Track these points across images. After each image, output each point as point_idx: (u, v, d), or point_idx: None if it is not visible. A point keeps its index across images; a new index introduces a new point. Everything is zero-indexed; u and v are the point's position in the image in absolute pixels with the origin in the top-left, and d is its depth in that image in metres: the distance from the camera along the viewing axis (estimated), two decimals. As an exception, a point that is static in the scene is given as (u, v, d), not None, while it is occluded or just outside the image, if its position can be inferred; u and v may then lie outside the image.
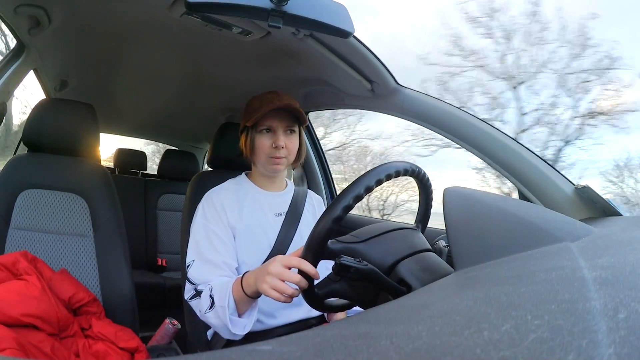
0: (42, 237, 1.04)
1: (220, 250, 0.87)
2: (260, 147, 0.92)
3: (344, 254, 0.59)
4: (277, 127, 0.92)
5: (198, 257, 0.87)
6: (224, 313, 0.76)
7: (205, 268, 0.86)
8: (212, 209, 0.91)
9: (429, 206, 0.73)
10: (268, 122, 0.92)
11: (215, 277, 0.85)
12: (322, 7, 0.67)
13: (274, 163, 0.93)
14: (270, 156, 0.92)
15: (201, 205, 0.94)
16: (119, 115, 2.08)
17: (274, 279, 0.66)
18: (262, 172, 0.98)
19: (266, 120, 0.91)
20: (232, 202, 0.93)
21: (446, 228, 0.43)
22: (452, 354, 0.18)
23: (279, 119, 0.92)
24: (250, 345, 0.21)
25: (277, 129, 0.92)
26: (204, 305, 0.80)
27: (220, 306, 0.77)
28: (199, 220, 0.91)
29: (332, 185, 1.75)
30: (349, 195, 0.58)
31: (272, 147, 0.91)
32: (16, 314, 0.77)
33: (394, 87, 1.05)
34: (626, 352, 0.16)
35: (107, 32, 1.10)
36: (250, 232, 0.92)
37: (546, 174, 0.88)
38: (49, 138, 1.09)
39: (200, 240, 0.89)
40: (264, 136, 0.92)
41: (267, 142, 0.92)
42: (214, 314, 0.78)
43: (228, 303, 0.76)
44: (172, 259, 2.19)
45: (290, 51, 1.03)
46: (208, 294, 0.81)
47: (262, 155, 0.93)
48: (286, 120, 0.93)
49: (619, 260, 0.32)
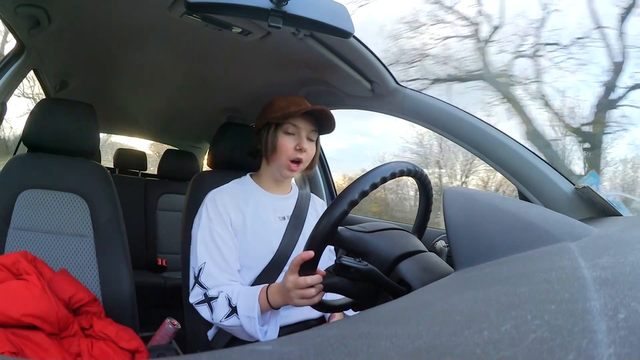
0: (42, 237, 1.04)
1: (227, 254, 0.88)
2: (283, 148, 0.91)
3: (352, 241, 0.60)
4: (302, 130, 0.92)
5: (208, 260, 0.87)
6: (254, 324, 0.79)
7: (216, 272, 0.86)
8: (215, 211, 0.91)
9: (429, 207, 0.73)
10: (296, 123, 0.91)
11: (225, 281, 0.86)
12: (322, 7, 0.67)
13: (291, 168, 0.92)
14: (291, 159, 0.91)
15: (204, 207, 0.93)
16: (119, 115, 2.08)
17: (295, 291, 0.69)
18: (274, 174, 0.97)
19: (294, 121, 0.91)
20: (235, 203, 0.93)
21: (446, 228, 0.43)
22: (452, 354, 0.18)
23: (305, 122, 0.92)
24: (250, 345, 0.21)
25: (301, 132, 0.92)
26: (220, 313, 0.82)
27: (247, 316, 0.80)
28: (204, 222, 0.91)
29: (332, 187, 1.75)
30: (356, 189, 0.59)
31: (295, 149, 0.91)
32: (16, 314, 0.77)
33: (394, 87, 1.05)
34: (626, 352, 0.16)
35: (107, 32, 1.10)
36: (253, 236, 0.91)
37: (546, 174, 0.88)
38: (49, 138, 1.09)
39: (209, 243, 0.88)
40: (288, 137, 0.92)
41: (291, 144, 0.91)
42: (234, 322, 0.81)
43: (258, 314, 0.79)
44: (172, 259, 2.19)
45: (290, 51, 1.03)
46: (225, 302, 0.82)
47: (283, 156, 0.92)
48: (310, 124, 0.93)
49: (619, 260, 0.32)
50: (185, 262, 1.05)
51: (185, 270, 1.05)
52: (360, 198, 0.59)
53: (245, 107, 1.59)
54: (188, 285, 0.93)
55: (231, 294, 0.83)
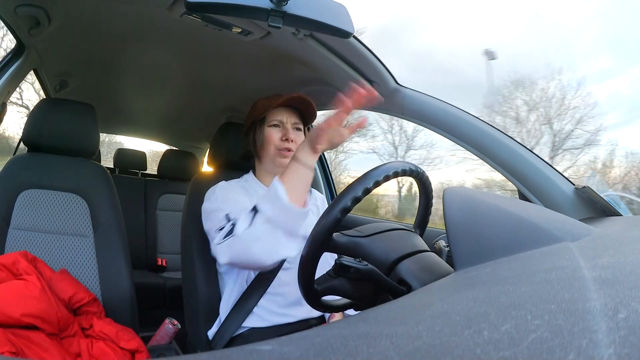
0: (42, 237, 1.04)
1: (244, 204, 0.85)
2: (269, 140, 0.95)
3: (348, 247, 0.59)
4: (286, 122, 0.96)
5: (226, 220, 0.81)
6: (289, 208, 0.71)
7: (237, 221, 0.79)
8: (225, 193, 0.90)
9: (428, 207, 0.73)
10: (278, 116, 0.96)
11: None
12: (322, 7, 0.66)
13: (283, 156, 0.94)
14: (280, 148, 0.94)
15: (213, 193, 0.92)
16: (119, 115, 2.08)
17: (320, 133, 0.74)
18: (269, 168, 0.98)
19: (276, 114, 0.95)
20: (240, 195, 0.93)
21: (446, 228, 0.43)
22: (452, 354, 0.18)
23: (287, 114, 0.96)
24: (251, 345, 0.21)
25: (285, 123, 0.96)
26: (242, 226, 0.74)
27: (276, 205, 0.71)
28: (212, 204, 0.88)
29: (331, 183, 1.75)
30: (363, 183, 0.59)
31: (281, 140, 0.94)
32: (16, 314, 0.77)
33: (394, 87, 1.05)
34: (626, 352, 0.16)
35: (107, 32, 1.10)
36: None
37: (546, 174, 0.88)
38: (49, 138, 1.09)
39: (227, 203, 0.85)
40: (273, 129, 0.95)
41: (277, 135, 0.95)
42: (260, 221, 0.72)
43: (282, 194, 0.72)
44: (172, 259, 2.19)
45: (290, 51, 1.03)
46: (243, 213, 0.75)
47: (271, 148, 0.95)
48: (294, 116, 0.97)
49: (619, 260, 0.32)
50: (186, 262, 1.05)
51: (185, 270, 1.05)
52: (363, 195, 0.59)
53: (245, 107, 1.58)
54: (188, 285, 0.93)
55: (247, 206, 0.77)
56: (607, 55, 10.11)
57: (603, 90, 9.90)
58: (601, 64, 10.08)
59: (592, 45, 10.61)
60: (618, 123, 9.16)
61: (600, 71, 10.11)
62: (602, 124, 8.40)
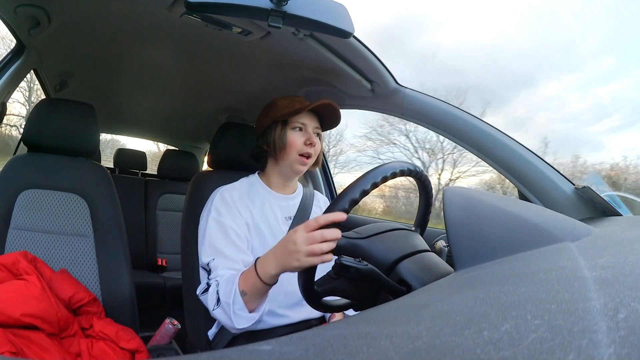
0: (42, 237, 1.04)
1: (238, 244, 0.86)
2: (292, 144, 0.93)
3: (347, 249, 0.59)
4: (308, 126, 0.94)
5: (217, 254, 0.85)
6: (229, 309, 0.76)
7: (226, 263, 0.84)
8: (224, 204, 0.90)
9: (428, 207, 0.73)
10: (301, 119, 0.94)
11: (230, 270, 0.83)
12: (322, 7, 0.66)
13: (302, 162, 0.93)
14: (301, 153, 0.93)
15: (211, 201, 0.92)
16: (119, 115, 2.08)
17: (304, 246, 0.62)
18: (284, 171, 0.97)
19: (300, 118, 0.94)
20: (243, 201, 0.93)
21: (446, 228, 0.43)
22: (452, 354, 0.18)
23: (309, 118, 0.95)
24: (251, 345, 0.21)
25: (308, 127, 0.94)
26: (210, 303, 0.80)
27: (226, 302, 0.76)
28: (212, 215, 0.89)
29: (331, 184, 1.76)
30: (361, 184, 0.59)
31: (305, 144, 0.93)
32: (16, 314, 0.77)
33: (394, 87, 1.05)
34: (626, 352, 0.16)
35: (107, 32, 1.10)
36: (259, 235, 0.92)
37: (546, 174, 0.88)
38: (49, 138, 1.09)
39: (215, 236, 0.87)
40: (297, 133, 0.94)
41: (300, 139, 0.93)
42: (221, 311, 0.78)
43: (233, 299, 0.76)
44: (172, 259, 2.19)
45: (290, 51, 1.03)
46: (215, 290, 0.80)
47: (293, 152, 0.93)
48: (315, 120, 0.96)
49: (619, 260, 0.32)
50: (186, 262, 1.05)
51: (186, 270, 1.05)
52: (361, 197, 0.59)
53: (245, 107, 1.60)
54: (188, 285, 0.93)
55: (220, 281, 0.80)
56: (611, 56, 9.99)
57: (606, 91, 9.77)
58: (605, 65, 9.94)
59: (595, 46, 10.53)
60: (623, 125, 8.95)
61: (604, 72, 9.95)
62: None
